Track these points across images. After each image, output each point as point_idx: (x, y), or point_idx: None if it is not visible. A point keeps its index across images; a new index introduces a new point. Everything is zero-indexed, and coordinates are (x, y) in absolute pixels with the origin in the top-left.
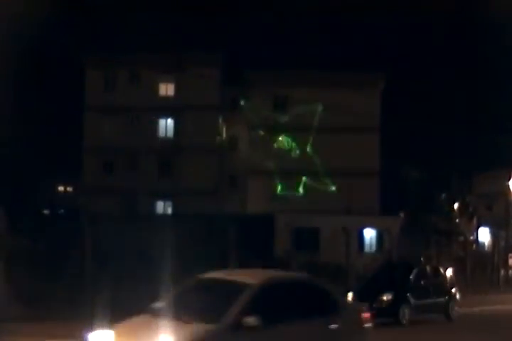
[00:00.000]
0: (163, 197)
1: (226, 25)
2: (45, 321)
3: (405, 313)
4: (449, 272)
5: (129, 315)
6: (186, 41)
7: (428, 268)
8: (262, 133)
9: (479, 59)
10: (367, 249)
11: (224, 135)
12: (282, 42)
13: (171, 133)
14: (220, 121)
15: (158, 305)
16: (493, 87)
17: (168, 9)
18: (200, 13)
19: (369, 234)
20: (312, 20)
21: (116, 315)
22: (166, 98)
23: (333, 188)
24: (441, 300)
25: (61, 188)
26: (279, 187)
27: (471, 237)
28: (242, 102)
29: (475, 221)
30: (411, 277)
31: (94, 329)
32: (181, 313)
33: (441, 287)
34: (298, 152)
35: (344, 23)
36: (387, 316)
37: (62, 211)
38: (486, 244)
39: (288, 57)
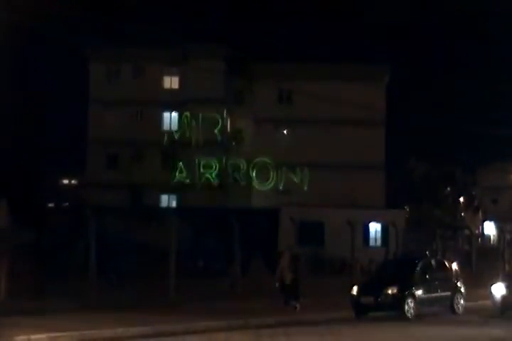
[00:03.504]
0: (168, 191)
1: (230, 18)
2: (48, 314)
3: (410, 307)
4: (454, 266)
5: (131, 307)
6: (190, 34)
7: (433, 261)
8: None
9: (484, 53)
10: (372, 242)
11: (229, 128)
12: (287, 35)
13: (175, 126)
14: (225, 114)
15: None
16: (498, 81)
17: (172, 2)
18: (205, 5)
19: (374, 227)
20: (317, 13)
21: (119, 307)
22: (170, 91)
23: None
24: (447, 293)
25: (65, 181)
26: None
27: (477, 231)
28: (246, 95)
29: (480, 214)
30: (416, 271)
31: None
32: None
33: (447, 281)
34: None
35: (349, 16)
36: (392, 310)
37: (66, 204)
38: (492, 237)
39: (293, 50)
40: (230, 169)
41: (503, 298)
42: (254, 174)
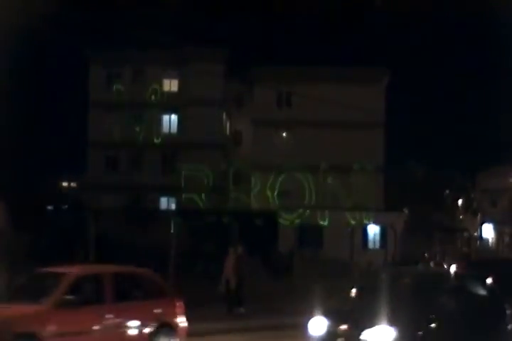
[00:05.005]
0: (167, 193)
1: (230, 22)
2: None
3: None
4: (453, 268)
5: None
6: (190, 37)
7: (432, 264)
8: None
9: (482, 55)
10: (371, 245)
11: (228, 131)
12: (286, 38)
13: (174, 129)
14: (224, 116)
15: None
16: (499, 84)
17: (172, 5)
18: (205, 8)
19: (373, 230)
20: (315, 17)
21: None
22: (170, 94)
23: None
24: None
25: (65, 184)
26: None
27: (476, 233)
28: (245, 98)
29: (479, 217)
30: None
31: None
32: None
33: None
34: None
35: (347, 18)
36: None
37: (65, 207)
38: (490, 240)
39: (292, 53)
40: (230, 171)
41: None
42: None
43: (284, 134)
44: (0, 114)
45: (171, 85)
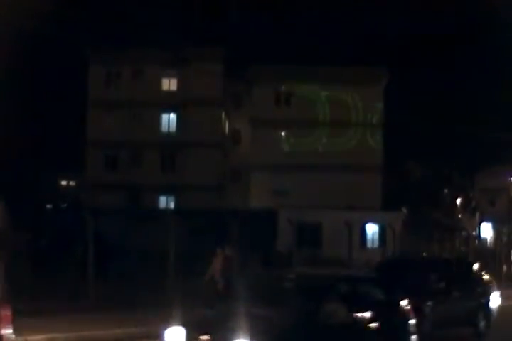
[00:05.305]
0: (166, 192)
1: (229, 21)
2: (46, 315)
3: None
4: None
5: (129, 308)
6: (189, 36)
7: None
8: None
9: (481, 55)
10: (369, 244)
11: (227, 130)
12: (285, 37)
13: (173, 128)
14: (223, 116)
15: None
16: (497, 83)
17: (170, 4)
18: (203, 7)
19: (371, 229)
20: (314, 16)
21: (118, 308)
22: (169, 93)
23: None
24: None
25: (64, 183)
26: None
27: (474, 232)
28: (244, 97)
29: (477, 216)
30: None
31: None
32: None
33: None
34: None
35: (346, 18)
36: None
37: (64, 205)
38: (489, 239)
39: (291, 52)
40: (228, 170)
41: None
42: None
43: (283, 133)
44: None
45: (170, 84)
